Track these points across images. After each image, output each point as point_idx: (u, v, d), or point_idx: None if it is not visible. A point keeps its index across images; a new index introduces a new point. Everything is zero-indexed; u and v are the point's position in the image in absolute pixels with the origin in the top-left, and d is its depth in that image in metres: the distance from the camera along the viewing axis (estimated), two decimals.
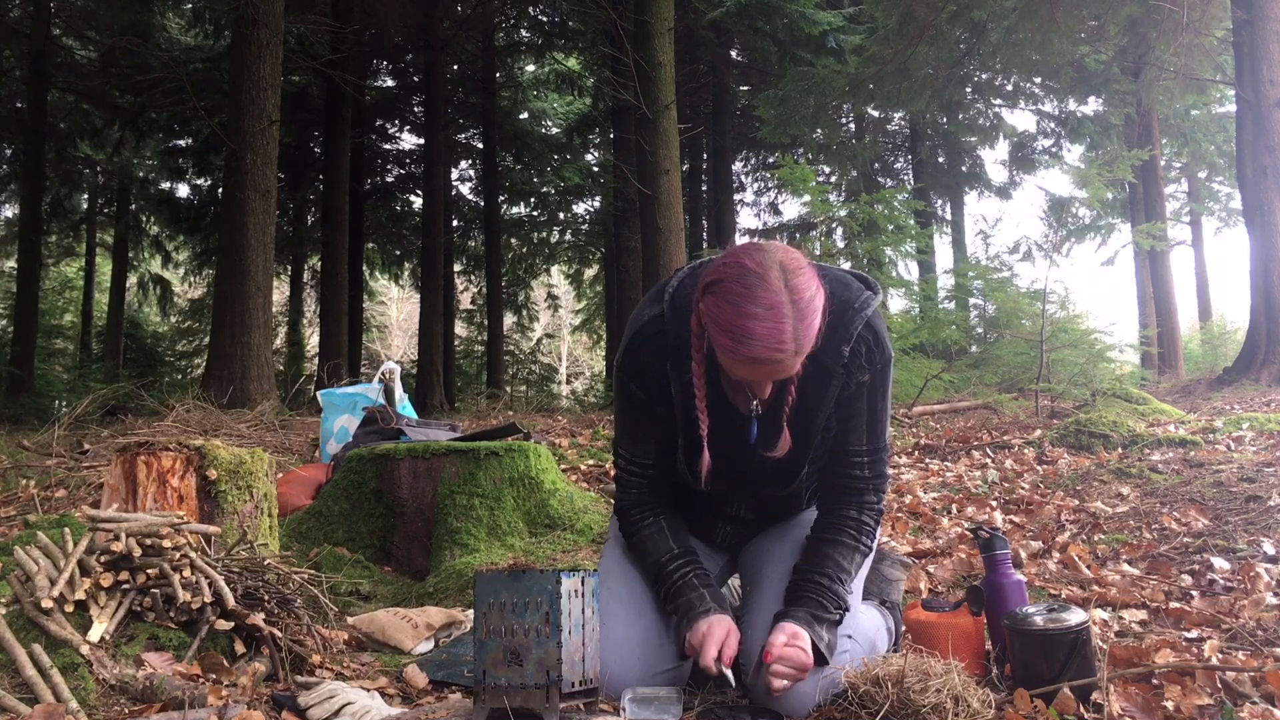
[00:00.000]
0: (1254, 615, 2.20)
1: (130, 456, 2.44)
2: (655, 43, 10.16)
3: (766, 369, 1.61)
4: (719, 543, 2.06)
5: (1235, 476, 3.67)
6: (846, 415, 1.84)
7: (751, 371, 1.63)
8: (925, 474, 4.73)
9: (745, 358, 1.58)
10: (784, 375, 1.65)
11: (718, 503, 1.99)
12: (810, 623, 1.75)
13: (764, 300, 1.56)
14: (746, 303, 1.56)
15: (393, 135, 19.61)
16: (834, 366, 1.76)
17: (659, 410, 1.84)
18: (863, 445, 1.86)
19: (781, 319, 1.56)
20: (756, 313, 1.55)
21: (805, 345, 1.60)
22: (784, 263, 1.59)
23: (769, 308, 1.55)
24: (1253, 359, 9.41)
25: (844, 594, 1.81)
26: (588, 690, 1.63)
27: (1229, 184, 19.39)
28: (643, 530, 1.93)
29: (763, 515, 2.02)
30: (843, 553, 1.84)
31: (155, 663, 1.81)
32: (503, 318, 19.50)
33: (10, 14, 13.94)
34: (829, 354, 1.74)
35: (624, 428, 1.93)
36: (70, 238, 19.89)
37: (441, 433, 4.66)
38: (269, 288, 9.11)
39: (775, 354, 1.57)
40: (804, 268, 1.61)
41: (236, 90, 9.01)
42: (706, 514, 2.02)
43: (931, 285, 11.56)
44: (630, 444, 1.92)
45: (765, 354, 1.56)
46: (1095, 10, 10.94)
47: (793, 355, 1.59)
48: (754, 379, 1.67)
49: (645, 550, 1.92)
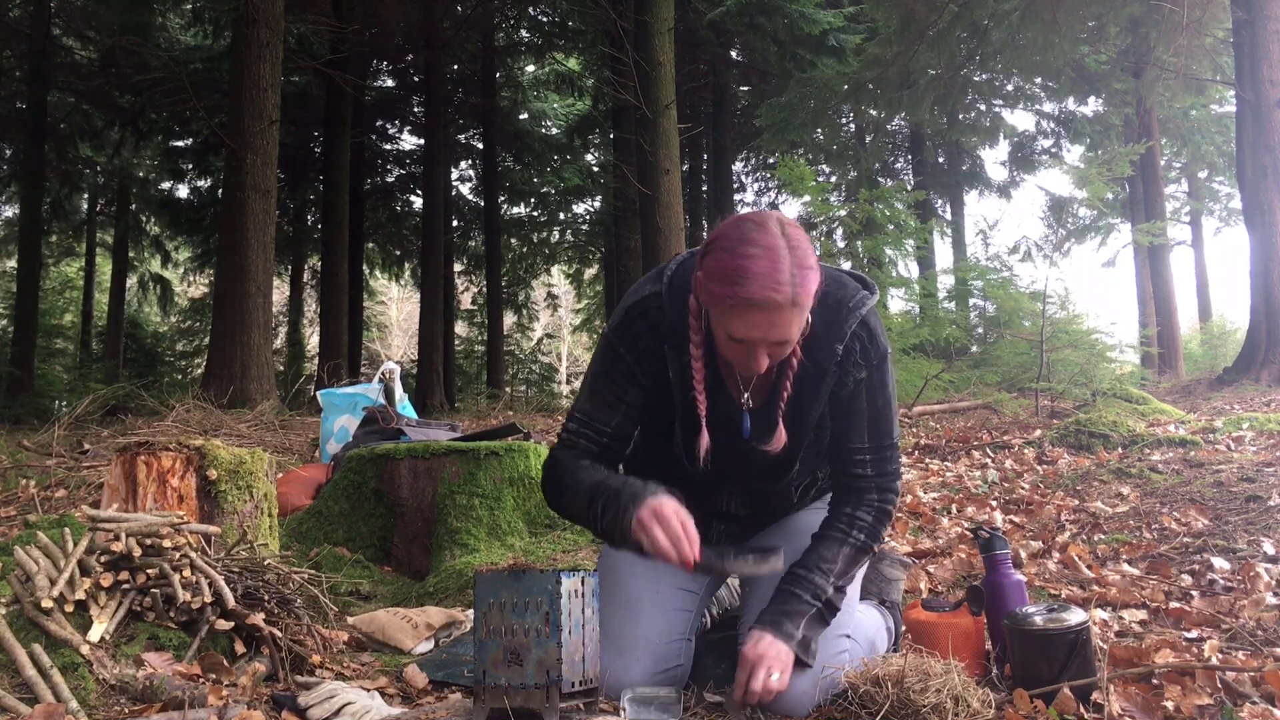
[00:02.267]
0: (1254, 615, 2.20)
1: (130, 456, 2.44)
2: (655, 43, 10.16)
3: (763, 316, 1.58)
4: (715, 542, 2.05)
5: (1235, 476, 3.67)
6: (846, 414, 1.82)
7: (748, 322, 1.59)
8: (925, 474, 4.73)
9: (742, 300, 1.57)
10: (781, 332, 1.61)
11: (708, 498, 1.97)
12: (778, 622, 1.74)
13: (760, 242, 1.58)
14: (743, 246, 1.59)
15: (393, 135, 19.62)
16: (827, 364, 1.76)
17: (642, 383, 1.81)
18: (864, 443, 1.84)
19: (778, 259, 1.57)
20: (753, 253, 1.57)
21: (802, 297, 1.59)
22: (782, 220, 1.63)
23: (766, 249, 1.58)
24: (1253, 359, 9.42)
25: (823, 583, 1.77)
26: (588, 690, 1.63)
27: (1229, 184, 19.39)
28: (581, 468, 1.82)
29: (755, 511, 2.00)
30: (827, 545, 1.82)
31: (155, 663, 1.81)
32: (503, 318, 19.50)
33: (10, 14, 13.93)
34: (822, 351, 1.75)
35: (594, 391, 1.86)
36: (70, 238, 19.90)
37: (441, 433, 4.66)
38: (269, 288, 9.12)
39: (772, 293, 1.56)
40: (802, 230, 1.64)
41: (236, 90, 9.02)
42: (698, 511, 2.01)
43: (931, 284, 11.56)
44: (594, 408, 1.85)
45: (761, 293, 1.56)
46: (1096, 11, 10.94)
47: (790, 303, 1.57)
48: (751, 336, 1.61)
49: (584, 476, 1.80)
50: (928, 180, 19.58)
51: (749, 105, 18.63)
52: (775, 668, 1.68)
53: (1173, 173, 20.62)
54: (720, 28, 14.83)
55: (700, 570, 1.69)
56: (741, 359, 1.67)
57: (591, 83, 17.83)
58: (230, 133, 9.01)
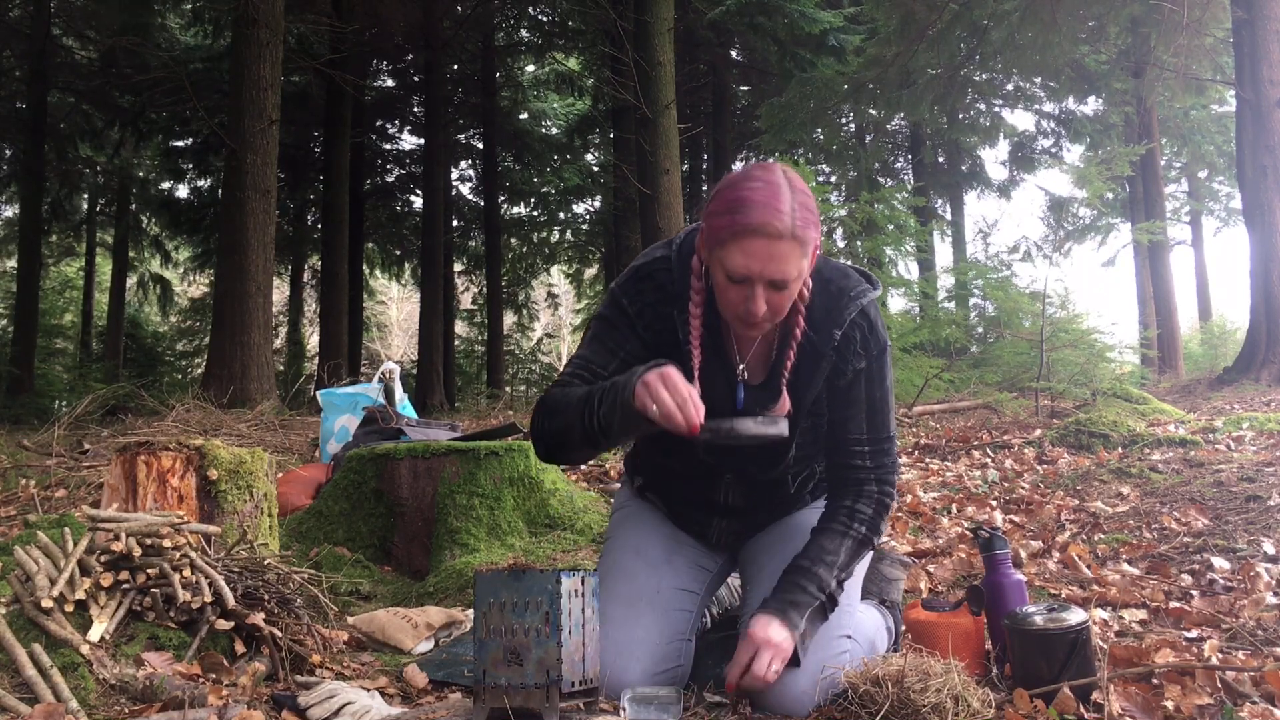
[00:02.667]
0: (1254, 615, 2.20)
1: (130, 456, 2.44)
2: (655, 43, 10.16)
3: (762, 245, 1.59)
4: (715, 541, 2.05)
5: (1235, 476, 3.67)
6: (845, 404, 1.83)
7: (747, 251, 1.60)
8: (925, 474, 4.73)
9: (742, 227, 1.59)
10: (780, 267, 1.60)
11: (707, 489, 1.97)
12: (784, 611, 1.73)
13: (762, 178, 1.63)
14: (745, 180, 1.64)
15: (393, 135, 19.62)
16: (824, 348, 1.78)
17: (643, 336, 1.82)
18: (863, 434, 1.85)
19: (779, 191, 1.61)
20: (755, 185, 1.62)
21: (801, 232, 1.60)
22: (786, 169, 1.67)
23: (767, 182, 1.62)
24: (1253, 359, 9.42)
25: (827, 576, 1.77)
26: (588, 690, 1.63)
27: (1229, 184, 19.40)
28: (576, 391, 1.76)
29: (753, 503, 1.99)
30: (829, 538, 1.82)
31: (155, 662, 1.81)
32: (503, 317, 19.50)
33: (10, 14, 13.93)
34: (820, 335, 1.77)
35: (594, 339, 1.85)
36: (70, 238, 19.90)
37: (441, 433, 4.66)
38: (269, 288, 9.12)
39: (772, 219, 1.58)
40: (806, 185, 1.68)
41: (236, 90, 9.02)
42: (697, 505, 2.01)
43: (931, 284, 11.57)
44: (591, 354, 1.83)
45: (761, 217, 1.58)
46: (1096, 11, 10.95)
47: (790, 234, 1.59)
48: (750, 268, 1.61)
49: (578, 393, 1.74)
50: (928, 180, 19.58)
51: (749, 105, 18.62)
52: (777, 658, 1.68)
53: (1173, 172, 20.62)
54: (720, 27, 14.84)
55: (705, 436, 1.61)
56: (740, 304, 1.65)
57: (591, 83, 17.83)
58: (230, 133, 9.01)
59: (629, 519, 2.08)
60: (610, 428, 1.66)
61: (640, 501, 2.10)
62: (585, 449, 1.77)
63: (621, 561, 1.97)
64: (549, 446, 1.83)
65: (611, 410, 1.64)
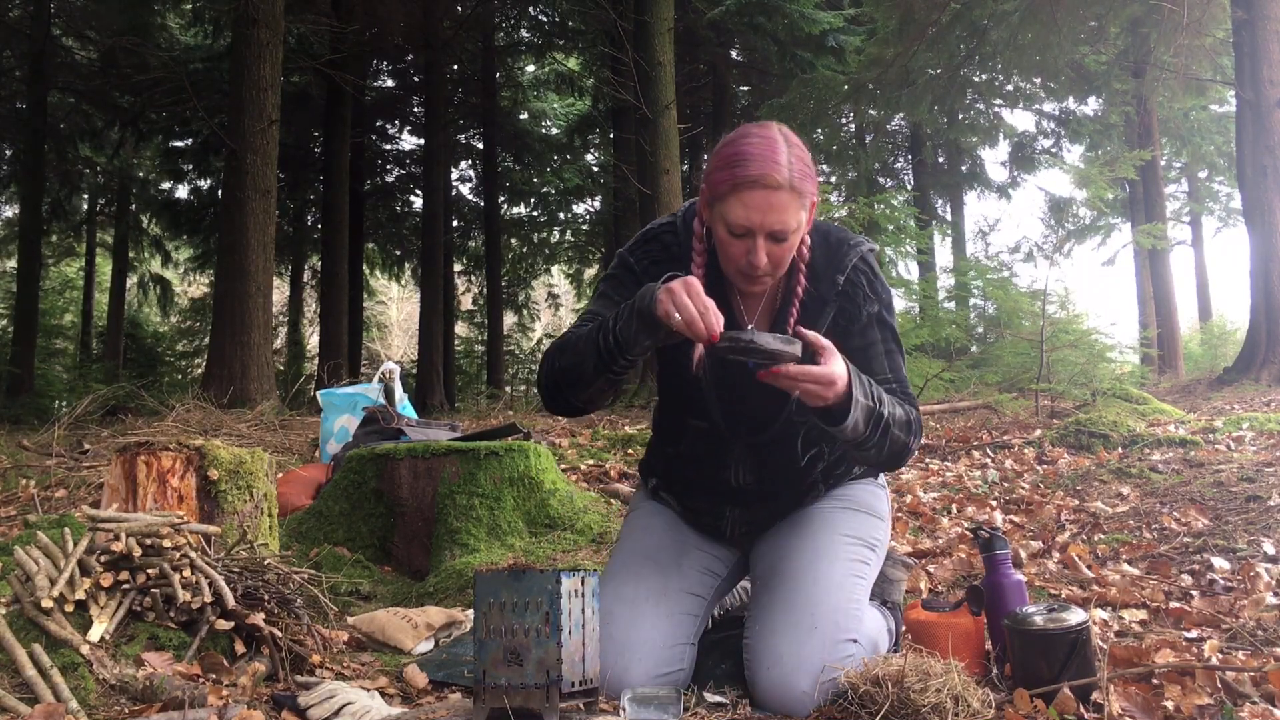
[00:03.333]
0: (1254, 615, 2.20)
1: (130, 456, 2.44)
2: (655, 43, 10.16)
3: (761, 196, 1.64)
4: (729, 533, 2.04)
5: (1235, 476, 3.68)
6: (865, 346, 1.86)
7: (746, 203, 1.65)
8: (925, 474, 4.73)
9: (742, 180, 1.65)
10: (779, 218, 1.65)
11: (718, 468, 1.96)
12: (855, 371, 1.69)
13: (759, 133, 1.71)
14: (742, 137, 1.72)
15: (393, 135, 19.62)
16: (828, 294, 1.83)
17: None
18: (887, 373, 1.86)
19: (775, 145, 1.68)
20: (752, 141, 1.69)
21: (799, 184, 1.66)
22: (783, 127, 1.74)
23: (764, 138, 1.70)
24: (1253, 359, 9.42)
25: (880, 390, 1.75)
26: (588, 690, 1.63)
27: (1229, 184, 19.40)
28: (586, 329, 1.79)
29: (764, 484, 1.97)
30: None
31: (155, 663, 1.81)
32: (503, 317, 19.50)
33: (10, 14, 13.93)
34: (823, 285, 1.83)
35: (602, 295, 1.90)
36: (70, 238, 19.88)
37: (441, 433, 4.66)
38: (269, 288, 9.12)
39: (770, 171, 1.64)
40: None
41: (236, 90, 9.02)
42: (709, 492, 2.01)
43: (931, 285, 11.56)
44: (599, 307, 1.87)
45: (759, 169, 1.64)
46: (1096, 11, 10.95)
47: (788, 186, 1.65)
48: (750, 220, 1.65)
49: (588, 330, 1.77)
50: (928, 180, 19.57)
51: (749, 105, 18.61)
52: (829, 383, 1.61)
53: (1173, 173, 20.63)
54: (720, 27, 14.84)
55: (724, 344, 1.58)
56: (742, 257, 1.70)
57: (591, 83, 17.82)
58: (230, 133, 9.01)
59: (640, 522, 2.08)
60: (626, 342, 1.66)
61: (653, 504, 2.11)
62: (596, 380, 1.76)
63: (630, 563, 1.97)
64: (557, 384, 1.82)
65: (629, 322, 1.65)
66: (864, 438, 1.72)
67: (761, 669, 1.76)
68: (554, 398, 1.85)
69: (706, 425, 1.94)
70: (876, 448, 1.76)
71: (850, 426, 1.68)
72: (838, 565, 1.88)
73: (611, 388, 1.81)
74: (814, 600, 1.80)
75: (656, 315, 1.60)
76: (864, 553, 1.95)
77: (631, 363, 1.73)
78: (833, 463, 2.02)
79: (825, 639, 1.76)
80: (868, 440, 1.73)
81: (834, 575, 1.85)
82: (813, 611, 1.79)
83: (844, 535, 1.94)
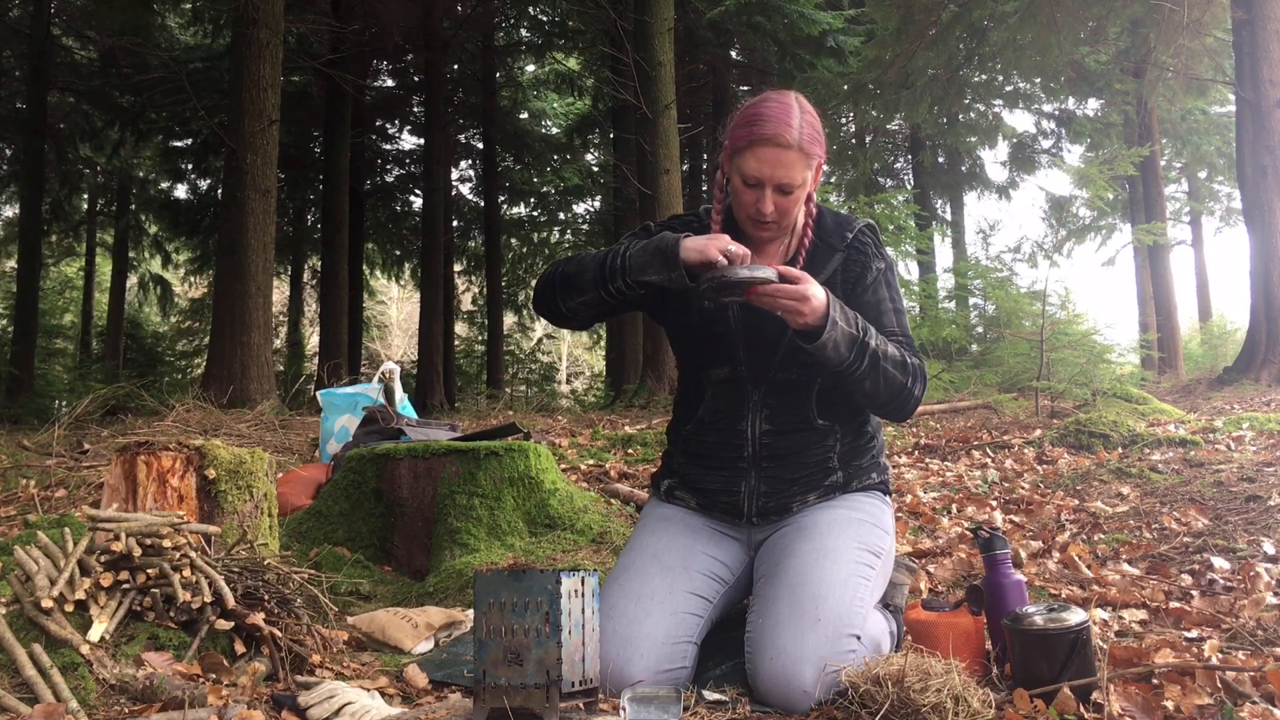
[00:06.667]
0: (1254, 615, 2.20)
1: (130, 456, 2.44)
2: (655, 43, 10.16)
3: (773, 153, 1.85)
4: (746, 512, 2.04)
5: (1235, 476, 3.68)
6: (876, 300, 2.02)
7: (759, 158, 1.86)
8: (925, 474, 4.73)
9: (757, 136, 1.86)
10: (787, 173, 1.86)
11: (735, 420, 2.02)
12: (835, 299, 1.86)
13: (777, 99, 1.93)
14: (763, 100, 1.94)
15: (393, 135, 19.61)
16: (837, 244, 2.03)
17: None
18: (895, 328, 2.01)
19: (790, 110, 1.89)
20: (770, 104, 1.91)
21: (808, 146, 1.87)
22: (798, 95, 1.96)
23: (780, 103, 1.91)
24: (1253, 359, 9.42)
25: (869, 325, 1.91)
26: (588, 690, 1.63)
27: (1229, 184, 19.41)
28: None
29: (780, 433, 2.01)
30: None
31: (155, 662, 1.81)
32: (503, 318, 19.49)
33: (10, 14, 13.93)
34: (832, 236, 2.04)
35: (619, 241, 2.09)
36: (70, 238, 19.89)
37: (441, 433, 4.66)
38: (269, 288, 9.11)
39: (782, 131, 1.85)
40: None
41: (236, 90, 9.01)
42: (727, 459, 2.04)
43: (932, 285, 11.56)
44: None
45: (773, 129, 1.85)
46: (1096, 11, 10.95)
47: (797, 146, 1.86)
48: (761, 173, 1.87)
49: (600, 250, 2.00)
50: (928, 180, 19.57)
51: None
52: (805, 301, 1.78)
53: (1173, 173, 20.63)
54: (720, 28, 14.83)
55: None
56: (752, 205, 1.92)
57: (591, 83, 17.82)
58: (230, 133, 9.00)
59: (649, 526, 2.09)
60: (633, 268, 1.87)
61: (665, 509, 2.12)
62: (588, 292, 1.95)
63: (637, 562, 1.98)
64: (552, 283, 2.01)
65: (643, 254, 1.86)
66: (850, 363, 1.87)
67: (764, 660, 1.76)
68: (542, 295, 2.04)
69: (728, 370, 2.03)
70: (870, 380, 1.90)
71: (829, 345, 1.83)
72: (843, 565, 1.88)
73: (596, 308, 1.99)
74: (818, 595, 1.81)
75: (677, 252, 1.80)
76: (869, 558, 1.95)
77: (624, 294, 1.90)
78: (850, 450, 2.05)
79: (828, 633, 1.75)
80: (854, 367, 1.87)
81: (839, 573, 1.86)
82: (817, 605, 1.79)
83: (851, 539, 1.95)
